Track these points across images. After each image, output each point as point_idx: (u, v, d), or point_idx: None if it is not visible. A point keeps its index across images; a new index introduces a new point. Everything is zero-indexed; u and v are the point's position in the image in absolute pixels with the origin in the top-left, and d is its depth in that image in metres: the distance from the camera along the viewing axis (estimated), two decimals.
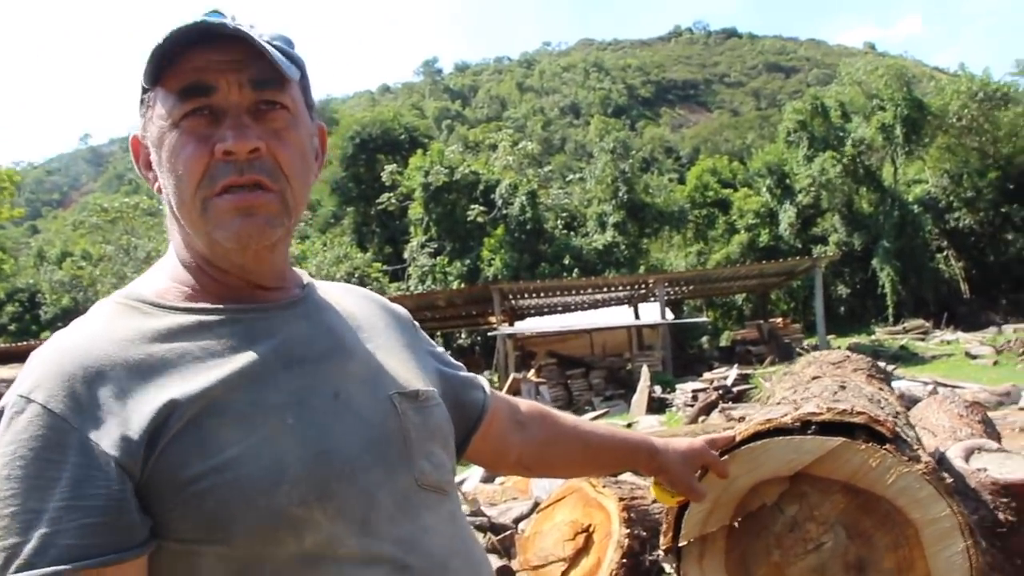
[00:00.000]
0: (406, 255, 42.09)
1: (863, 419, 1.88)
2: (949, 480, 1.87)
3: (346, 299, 1.34)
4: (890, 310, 38.90)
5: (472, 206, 39.21)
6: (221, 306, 1.12)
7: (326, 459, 1.04)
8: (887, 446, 1.86)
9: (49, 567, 0.88)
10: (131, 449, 0.94)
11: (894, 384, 11.94)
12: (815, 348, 21.17)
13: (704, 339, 36.88)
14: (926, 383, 12.77)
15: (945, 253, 42.25)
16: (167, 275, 1.16)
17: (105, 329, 1.04)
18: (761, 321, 27.89)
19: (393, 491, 1.10)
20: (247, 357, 1.07)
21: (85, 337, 1.03)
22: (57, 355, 1.00)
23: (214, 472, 0.96)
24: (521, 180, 40.99)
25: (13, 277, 50.44)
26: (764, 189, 47.00)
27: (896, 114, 41.72)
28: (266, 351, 1.09)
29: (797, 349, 21.94)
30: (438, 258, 39.34)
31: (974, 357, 20.42)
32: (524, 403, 1.66)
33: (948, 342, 25.50)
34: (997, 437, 5.00)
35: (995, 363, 19.07)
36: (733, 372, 16.16)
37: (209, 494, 0.96)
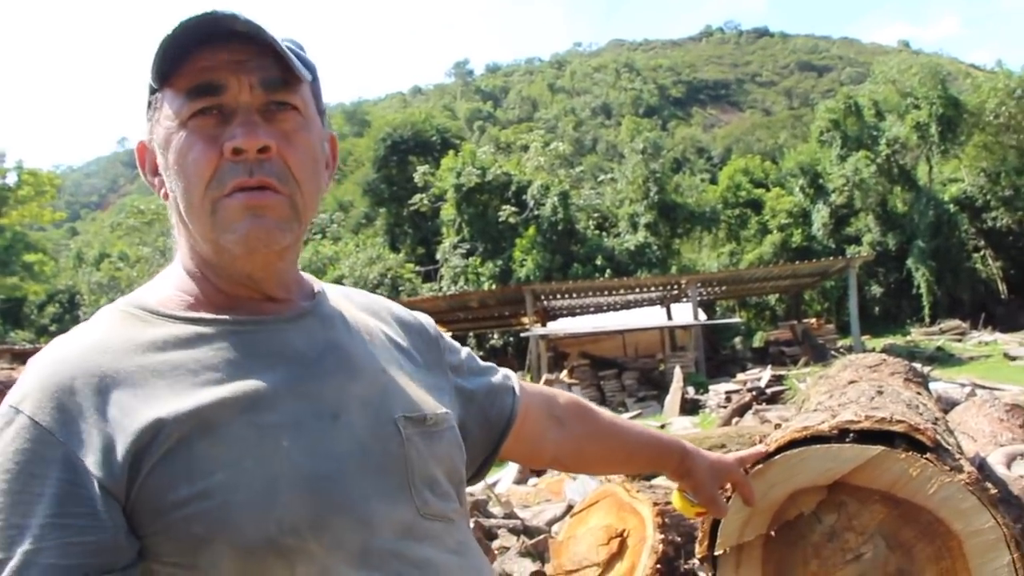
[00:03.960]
0: (438, 256, 42.21)
1: (903, 427, 1.85)
2: (993, 490, 1.84)
3: (360, 311, 1.28)
4: (926, 311, 38.47)
5: (504, 207, 39.30)
6: (223, 317, 1.07)
7: (322, 486, 0.99)
8: (928, 455, 1.83)
9: None
10: (114, 471, 0.92)
11: (933, 386, 11.80)
12: (850, 349, 21.00)
13: (737, 340, 36.64)
14: (964, 385, 12.58)
15: (982, 253, 41.63)
16: (171, 283, 1.12)
17: (102, 339, 1.01)
18: (794, 322, 27.65)
19: (393, 521, 1.05)
20: (244, 373, 1.02)
21: (80, 347, 1.00)
22: (49, 365, 0.97)
23: (201, 497, 0.93)
24: (553, 181, 41.02)
25: (53, 278, 51.26)
26: (797, 189, 46.62)
27: (931, 112, 41.24)
28: (264, 367, 1.04)
29: (831, 351, 21.75)
30: (470, 259, 39.41)
31: (1013, 358, 20.11)
32: (562, 396, 1.61)
33: (986, 343, 25.18)
34: None
35: None
36: (766, 373, 16.04)
37: (195, 520, 0.93)
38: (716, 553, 1.96)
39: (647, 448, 1.64)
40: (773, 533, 1.93)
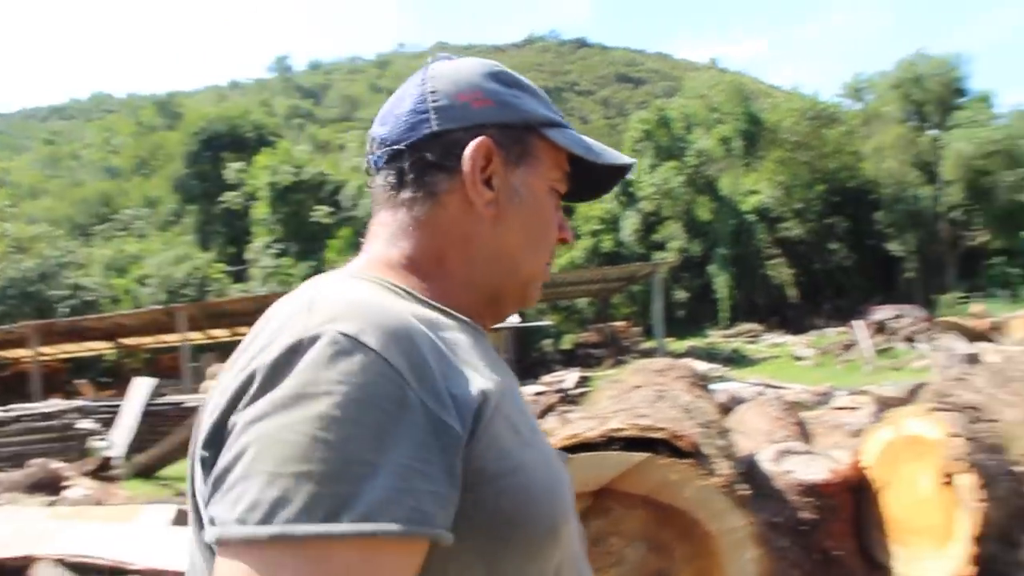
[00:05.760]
0: (249, 256, 41.07)
1: (664, 434, 1.94)
2: (745, 491, 1.96)
3: None
4: (725, 314, 40.56)
5: (318, 207, 38.66)
6: (461, 316, 1.03)
7: (564, 486, 0.99)
8: (689, 460, 1.93)
9: (392, 524, 0.74)
10: (464, 426, 0.84)
11: (726, 386, 12.46)
12: (653, 352, 21.83)
13: (547, 342, 37.46)
14: (755, 384, 13.36)
15: (776, 260, 44.41)
16: (402, 269, 1.04)
17: (389, 300, 0.92)
18: (602, 325, 28.53)
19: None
20: (497, 368, 0.98)
21: (379, 300, 0.90)
22: (366, 307, 0.85)
23: (513, 474, 0.88)
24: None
25: None
26: (609, 196, 48.21)
27: (735, 128, 43.69)
28: (502, 370, 1.00)
29: (635, 353, 22.57)
30: (283, 259, 38.53)
31: (799, 359, 21.51)
32: None
33: (777, 344, 26.76)
34: (809, 436, 5.30)
35: (817, 364, 20.15)
36: (573, 375, 16.45)
37: (505, 496, 0.87)
38: None
39: None
40: None
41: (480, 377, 0.89)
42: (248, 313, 26.25)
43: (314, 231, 38.57)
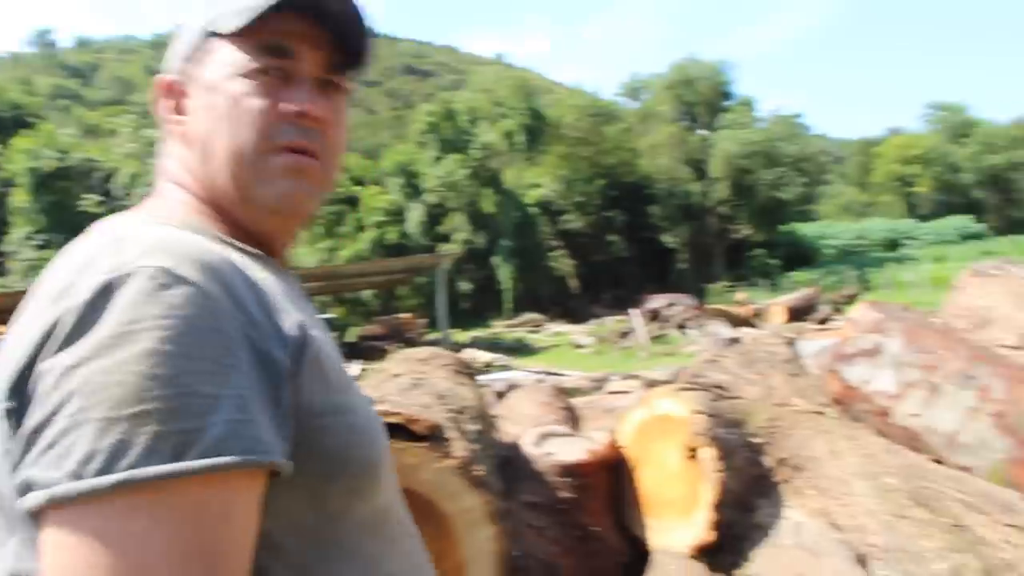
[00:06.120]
0: (8, 247, 38.17)
1: (399, 419, 1.93)
2: (480, 471, 1.97)
3: None
4: (509, 305, 41.46)
5: (87, 195, 36.42)
6: (260, 252, 1.00)
7: (380, 426, 0.99)
8: (425, 443, 1.92)
9: (241, 455, 0.73)
10: (289, 358, 0.83)
11: (506, 375, 12.68)
12: (438, 343, 21.97)
13: (332, 335, 37.01)
14: (535, 372, 13.74)
15: (558, 252, 45.84)
16: (191, 216, 1.00)
17: (195, 238, 0.88)
18: (387, 317, 28.46)
19: None
20: (307, 310, 0.97)
21: (188, 237, 0.87)
22: (178, 243, 0.82)
23: (335, 412, 0.87)
24: (144, 169, 38.78)
25: None
26: (395, 187, 48.09)
27: (519, 122, 44.69)
28: (309, 309, 1.00)
29: (415, 346, 22.61)
30: (46, 251, 35.99)
31: (579, 347, 22.29)
32: None
33: (558, 333, 27.59)
34: (579, 420, 5.45)
35: (597, 352, 20.94)
36: (355, 367, 16.33)
37: (329, 432, 0.86)
38: None
39: None
40: None
41: (297, 314, 0.89)
42: (6, 310, 24.34)
43: (82, 221, 35.65)
